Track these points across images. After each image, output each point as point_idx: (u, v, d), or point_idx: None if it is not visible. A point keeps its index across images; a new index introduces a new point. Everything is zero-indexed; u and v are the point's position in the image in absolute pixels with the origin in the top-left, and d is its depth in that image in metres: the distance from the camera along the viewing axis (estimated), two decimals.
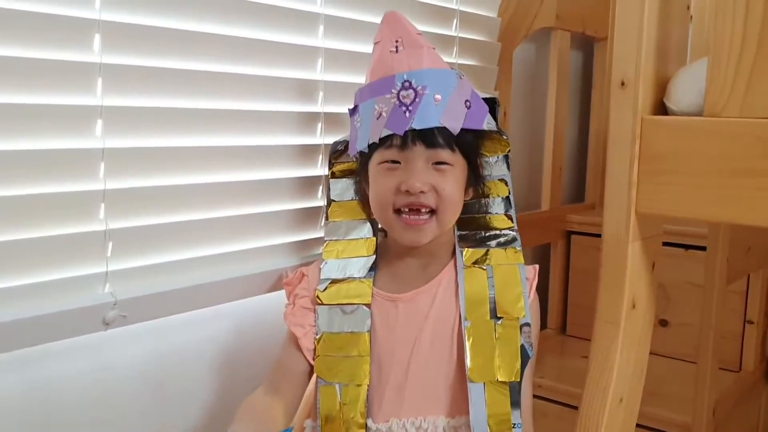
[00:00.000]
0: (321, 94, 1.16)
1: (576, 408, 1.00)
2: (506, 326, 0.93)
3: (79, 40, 0.88)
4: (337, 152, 1.05)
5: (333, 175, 1.05)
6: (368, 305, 0.96)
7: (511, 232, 1.00)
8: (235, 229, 1.08)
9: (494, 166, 1.02)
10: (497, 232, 1.00)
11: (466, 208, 1.00)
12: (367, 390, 0.93)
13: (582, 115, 2.07)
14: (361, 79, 1.20)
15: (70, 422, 0.96)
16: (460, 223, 1.00)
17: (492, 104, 1.00)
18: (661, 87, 1.01)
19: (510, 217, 1.01)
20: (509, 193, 1.02)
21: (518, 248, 0.99)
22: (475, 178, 0.98)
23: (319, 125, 1.17)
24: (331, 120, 1.18)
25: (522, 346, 0.92)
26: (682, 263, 1.66)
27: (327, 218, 1.04)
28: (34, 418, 0.93)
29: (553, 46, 1.80)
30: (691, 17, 1.15)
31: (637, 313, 1.02)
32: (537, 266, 1.00)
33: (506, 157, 1.02)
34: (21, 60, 0.83)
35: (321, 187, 1.18)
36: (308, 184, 1.17)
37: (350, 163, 1.04)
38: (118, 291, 0.93)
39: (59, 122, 0.87)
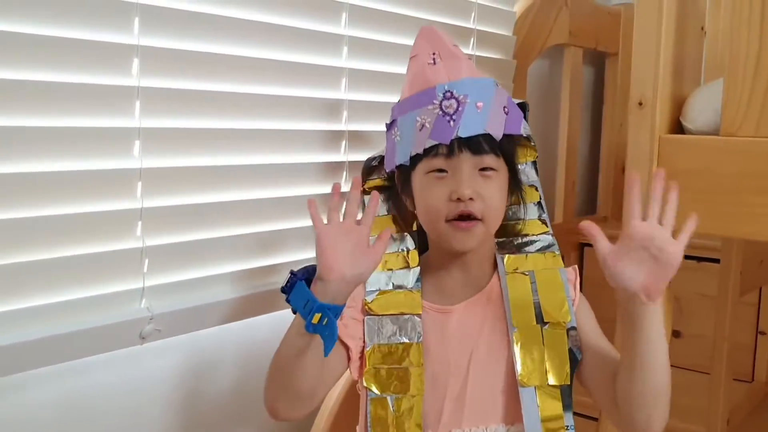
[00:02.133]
0: (345, 113, 1.20)
1: (587, 417, 1.03)
2: (553, 331, 0.93)
3: (119, 65, 0.91)
4: (371, 168, 1.04)
5: (365, 192, 1.03)
6: (419, 316, 0.95)
7: (547, 236, 1.00)
8: (265, 245, 1.10)
9: (525, 173, 1.02)
10: (534, 237, 1.00)
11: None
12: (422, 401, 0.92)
13: (594, 129, 2.10)
14: (383, 97, 1.24)
15: None
16: (498, 231, 0.98)
17: (524, 109, 1.01)
18: (678, 106, 1.04)
19: (544, 222, 1.01)
20: (540, 198, 1.02)
21: (557, 252, 0.99)
22: (516, 183, 0.98)
23: (344, 143, 1.20)
24: (354, 138, 1.21)
25: (570, 350, 0.92)
26: (696, 275, 1.68)
27: None
28: (71, 429, 0.95)
29: (566, 62, 1.83)
30: (705, 32, 1.18)
31: None
32: (576, 266, 1.01)
33: (534, 163, 1.03)
34: (65, 85, 0.86)
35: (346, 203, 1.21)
36: None
37: (380, 179, 1.03)
38: (153, 306, 0.96)
39: (99, 144, 0.90)
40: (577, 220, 1.93)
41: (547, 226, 1.02)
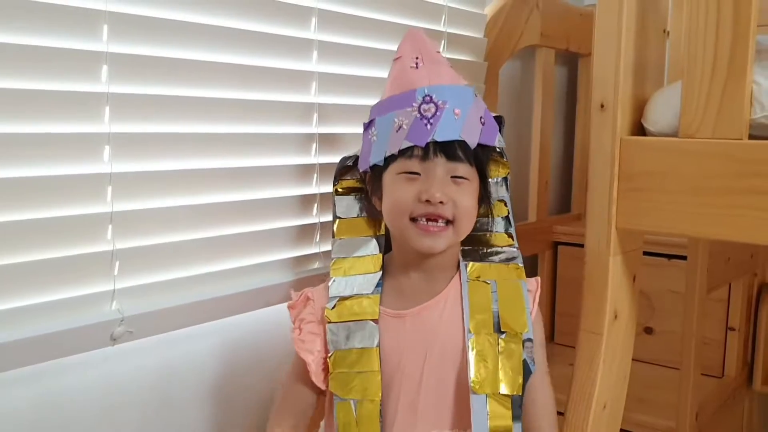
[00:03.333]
0: (315, 115, 1.21)
1: (563, 414, 1.05)
2: (509, 341, 0.93)
3: (89, 72, 0.92)
4: (345, 168, 1.05)
5: (338, 192, 1.06)
6: (376, 321, 0.96)
7: (512, 249, 1.02)
8: (234, 247, 1.12)
9: (496, 188, 1.03)
10: (499, 248, 1.02)
11: None
12: (380, 406, 0.94)
13: (567, 128, 2.12)
14: (353, 100, 1.26)
15: None
16: (464, 240, 1.00)
17: (499, 123, 1.02)
18: (639, 108, 1.05)
19: (510, 236, 1.03)
20: (509, 213, 1.04)
21: (520, 264, 1.00)
22: (485, 195, 0.99)
23: (314, 145, 1.22)
24: (325, 140, 1.23)
25: (524, 361, 0.92)
26: (666, 272, 1.71)
27: (333, 235, 1.05)
28: (46, 430, 0.96)
29: (538, 63, 1.85)
30: (668, 34, 1.20)
31: (619, 324, 1.07)
32: (539, 278, 1.02)
33: (505, 179, 1.04)
34: (34, 92, 0.87)
35: (316, 205, 1.23)
36: (303, 202, 1.21)
37: (354, 180, 1.05)
38: (124, 308, 0.97)
39: (70, 149, 0.91)
40: (550, 219, 1.96)
41: (513, 240, 1.03)
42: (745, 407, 1.81)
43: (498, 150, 1.01)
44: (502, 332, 0.93)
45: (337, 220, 1.05)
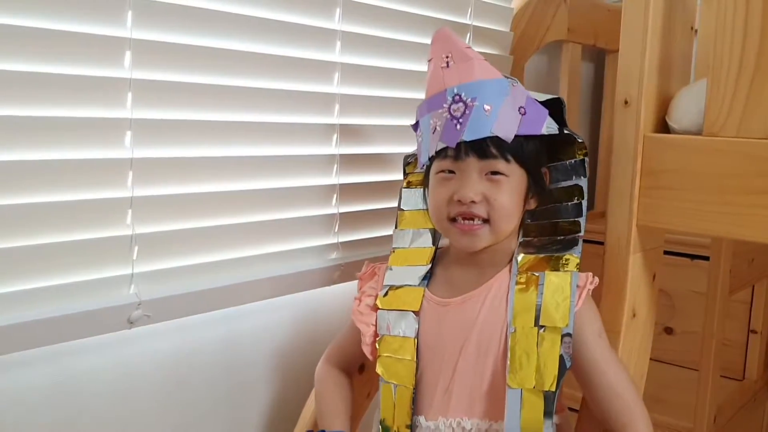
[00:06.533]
0: (337, 106, 1.21)
1: (578, 411, 1.04)
2: (548, 335, 0.91)
3: (112, 57, 0.93)
4: (409, 164, 1.10)
5: (408, 185, 1.09)
6: (416, 312, 0.99)
7: (574, 237, 0.98)
8: (252, 235, 1.12)
9: (570, 171, 1.00)
10: (560, 238, 0.99)
11: (535, 215, 1.00)
12: (413, 392, 0.97)
13: (593, 125, 2.11)
14: (375, 92, 1.26)
15: (95, 414, 1.01)
16: (526, 230, 0.99)
17: (559, 105, 0.98)
18: (664, 105, 1.05)
19: (576, 223, 0.99)
20: (578, 199, 1.00)
21: (576, 255, 0.96)
22: (537, 187, 0.97)
23: (335, 136, 1.22)
24: (346, 131, 1.23)
25: (561, 357, 0.90)
26: (688, 272, 1.70)
27: (396, 226, 1.08)
28: (62, 410, 0.98)
29: (564, 58, 1.83)
30: (696, 32, 1.19)
31: (637, 322, 1.06)
32: (591, 273, 0.98)
33: (582, 162, 1.00)
34: (59, 76, 0.88)
35: (335, 196, 1.23)
36: (323, 193, 1.22)
37: (421, 173, 1.06)
38: (142, 292, 0.98)
39: (92, 134, 0.92)
40: None
41: (578, 228, 0.99)
42: (765, 411, 1.79)
43: (566, 133, 0.97)
44: (542, 326, 0.92)
45: (400, 212, 1.09)
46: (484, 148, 0.91)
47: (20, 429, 0.94)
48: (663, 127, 1.04)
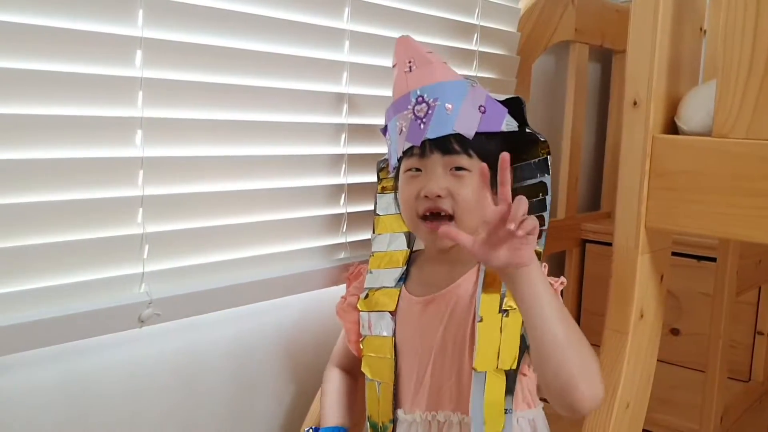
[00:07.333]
0: (345, 106, 1.21)
1: None
2: (510, 317, 0.94)
3: (123, 56, 0.94)
4: (382, 170, 1.14)
5: (379, 192, 1.14)
6: (392, 312, 1.04)
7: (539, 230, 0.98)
8: (261, 234, 1.13)
9: (535, 169, 1.03)
10: None
11: None
12: (393, 388, 1.02)
13: (599, 126, 2.10)
14: (383, 91, 1.26)
15: (104, 413, 1.01)
16: None
17: (518, 104, 1.01)
18: (673, 106, 1.04)
19: (540, 218, 1.00)
20: (542, 195, 1.02)
21: (539, 247, 0.98)
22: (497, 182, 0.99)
23: (343, 136, 1.22)
24: (354, 131, 1.23)
25: (522, 336, 0.93)
26: (695, 274, 1.69)
27: (373, 231, 1.13)
28: (71, 409, 0.98)
29: (572, 59, 1.83)
30: (705, 32, 1.18)
31: (644, 323, 1.06)
32: (563, 278, 0.99)
33: (546, 159, 1.03)
34: (70, 75, 0.89)
35: (343, 195, 1.23)
36: (331, 192, 1.22)
37: (392, 179, 1.12)
38: (153, 290, 0.98)
39: (103, 133, 0.93)
40: (579, 217, 1.95)
41: (543, 223, 1.01)
42: None
43: (528, 132, 1.01)
44: (505, 311, 0.95)
45: (376, 217, 1.13)
46: (447, 144, 0.96)
47: (30, 427, 0.94)
48: (672, 128, 1.04)
